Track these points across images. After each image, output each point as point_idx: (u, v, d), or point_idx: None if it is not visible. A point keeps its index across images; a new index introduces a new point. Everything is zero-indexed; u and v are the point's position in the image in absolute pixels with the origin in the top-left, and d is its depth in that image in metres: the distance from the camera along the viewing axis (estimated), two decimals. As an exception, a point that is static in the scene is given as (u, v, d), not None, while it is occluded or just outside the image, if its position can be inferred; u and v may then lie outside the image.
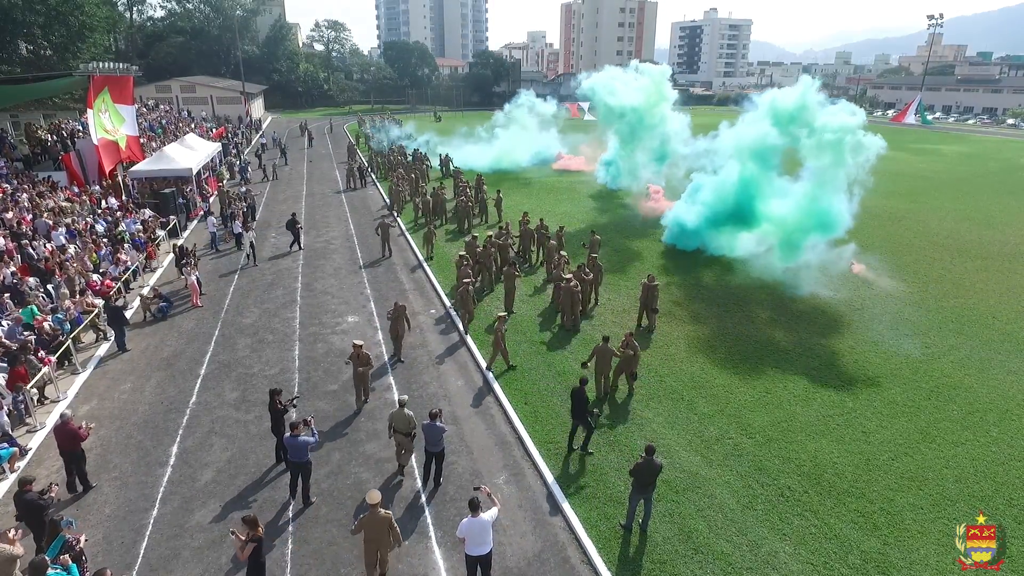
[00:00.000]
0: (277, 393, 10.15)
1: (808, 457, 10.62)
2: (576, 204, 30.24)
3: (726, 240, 21.71)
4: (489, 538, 7.55)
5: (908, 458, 10.63)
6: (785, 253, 19.71)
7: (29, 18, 39.04)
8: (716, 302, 17.44)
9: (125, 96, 25.83)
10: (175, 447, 10.87)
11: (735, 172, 21.40)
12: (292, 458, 9.26)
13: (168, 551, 8.57)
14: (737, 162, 21.51)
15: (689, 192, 23.65)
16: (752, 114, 21.62)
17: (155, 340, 15.09)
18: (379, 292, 18.40)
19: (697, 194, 22.91)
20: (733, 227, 21.50)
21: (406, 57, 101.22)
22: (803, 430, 11.41)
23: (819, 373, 13.48)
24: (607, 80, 32.03)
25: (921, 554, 8.59)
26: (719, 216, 21.63)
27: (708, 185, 22.51)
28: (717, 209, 21.67)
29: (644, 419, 11.75)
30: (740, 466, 10.41)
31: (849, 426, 11.52)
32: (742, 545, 8.73)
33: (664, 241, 23.37)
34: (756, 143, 20.52)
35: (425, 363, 14.05)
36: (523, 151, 41.04)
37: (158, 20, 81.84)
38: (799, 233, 19.37)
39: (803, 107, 19.60)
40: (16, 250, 16.81)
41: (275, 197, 31.83)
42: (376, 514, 7.60)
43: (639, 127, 31.12)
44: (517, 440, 11.20)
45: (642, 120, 30.81)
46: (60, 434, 9.42)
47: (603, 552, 8.60)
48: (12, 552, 6.93)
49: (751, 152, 20.76)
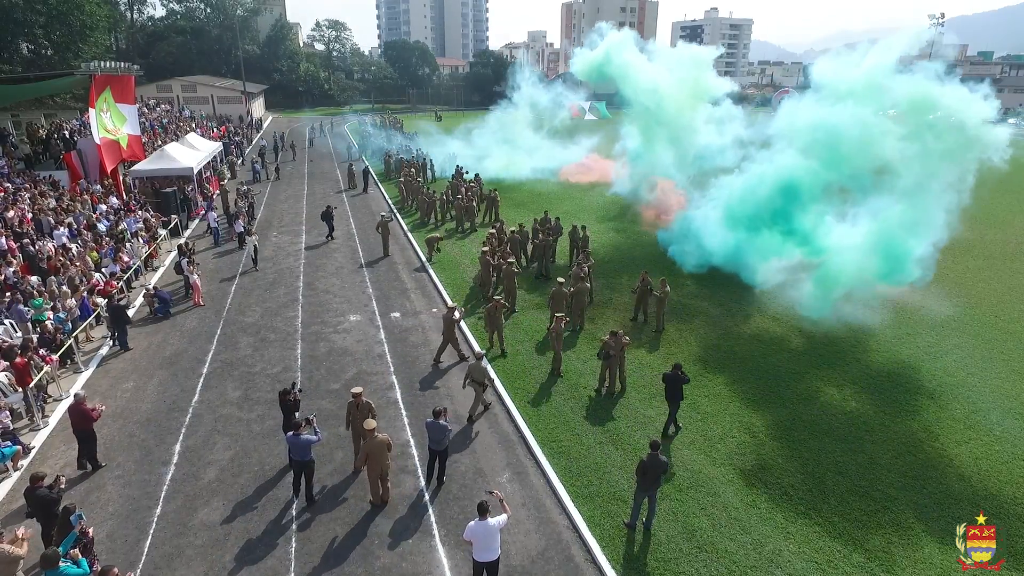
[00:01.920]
0: (286, 393, 10.16)
1: (811, 456, 10.61)
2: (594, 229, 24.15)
3: (742, 257, 17.85)
4: (497, 545, 7.50)
5: (911, 457, 10.62)
6: (823, 299, 15.64)
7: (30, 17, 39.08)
8: (719, 302, 17.40)
9: (127, 95, 25.81)
10: (178, 445, 10.86)
11: (783, 163, 16.71)
12: (295, 456, 9.25)
13: (172, 549, 8.57)
14: (788, 150, 16.70)
15: (709, 197, 20.01)
16: (822, 90, 16.68)
17: (157, 339, 15.09)
18: (381, 291, 18.39)
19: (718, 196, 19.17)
20: (759, 240, 17.26)
21: (407, 57, 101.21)
22: (806, 429, 11.40)
23: (821, 372, 13.47)
24: (631, 49, 26.12)
25: (925, 553, 8.59)
26: (742, 219, 17.54)
27: (737, 182, 18.45)
28: (742, 212, 17.46)
29: (647, 417, 11.74)
30: (743, 464, 10.40)
31: (852, 425, 11.51)
32: (746, 544, 8.72)
33: (665, 249, 20.88)
34: (831, 127, 15.30)
35: (427, 362, 14.04)
36: (523, 158, 36.44)
37: (159, 19, 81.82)
38: (861, 277, 15.15)
39: (923, 91, 14.60)
40: (18, 249, 16.81)
41: (276, 196, 31.81)
42: (375, 439, 8.86)
43: (669, 125, 25.30)
44: (520, 439, 11.20)
45: (674, 118, 25.00)
46: (74, 413, 9.89)
47: (607, 550, 8.60)
48: (15, 553, 6.94)
49: (817, 140, 15.66)
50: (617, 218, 26.97)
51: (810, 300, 16.10)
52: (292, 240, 23.81)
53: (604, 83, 31.16)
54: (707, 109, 26.37)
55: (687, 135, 25.30)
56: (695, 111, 25.58)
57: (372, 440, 8.92)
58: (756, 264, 17.91)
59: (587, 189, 32.92)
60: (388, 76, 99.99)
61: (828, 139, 15.67)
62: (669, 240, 21.23)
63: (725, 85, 26.72)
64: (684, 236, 20.20)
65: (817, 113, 16.42)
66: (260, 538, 8.79)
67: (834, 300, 15.78)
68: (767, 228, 17.38)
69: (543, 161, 36.87)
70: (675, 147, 25.61)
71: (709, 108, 26.48)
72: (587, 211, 27.96)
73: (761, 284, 17.72)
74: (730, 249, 18.54)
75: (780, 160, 17.41)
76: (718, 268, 19.14)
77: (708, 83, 25.86)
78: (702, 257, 19.15)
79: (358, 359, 14.11)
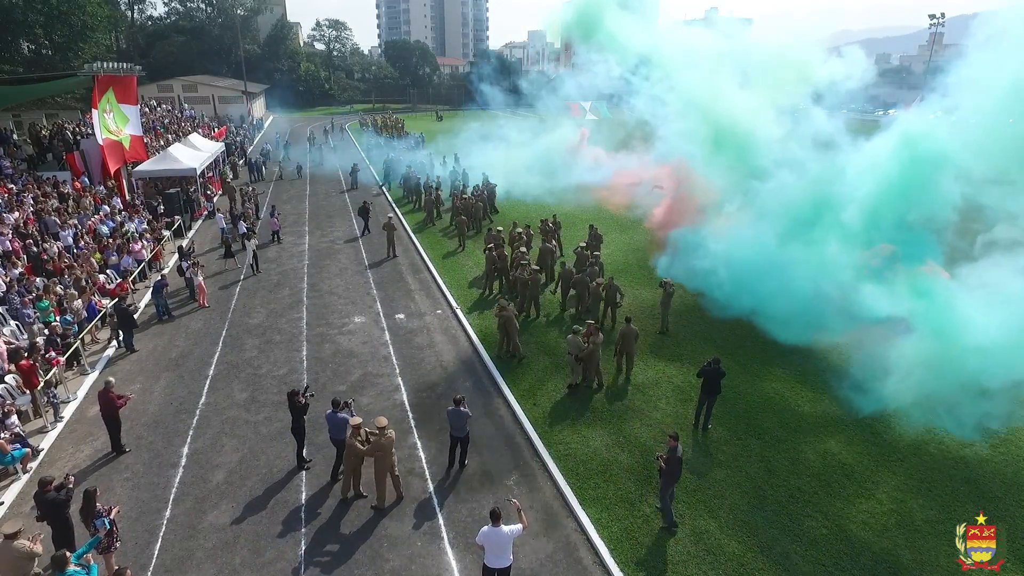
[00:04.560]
0: (295, 395, 10.23)
1: (817, 458, 10.65)
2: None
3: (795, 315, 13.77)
4: (509, 552, 7.51)
5: (917, 459, 10.65)
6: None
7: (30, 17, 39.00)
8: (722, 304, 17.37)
9: (129, 96, 25.81)
10: (186, 448, 10.89)
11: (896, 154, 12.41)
12: (333, 436, 9.80)
13: (182, 552, 8.60)
14: (903, 140, 12.73)
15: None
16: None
17: (163, 341, 15.11)
18: (385, 293, 18.41)
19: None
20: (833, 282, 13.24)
21: (407, 56, 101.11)
22: (812, 431, 11.43)
23: (827, 374, 13.45)
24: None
25: (931, 555, 8.63)
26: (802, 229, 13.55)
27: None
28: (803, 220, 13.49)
29: (653, 420, 11.77)
30: (750, 467, 10.44)
31: (858, 427, 11.53)
32: (754, 546, 8.76)
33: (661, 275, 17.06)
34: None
35: (433, 364, 14.06)
36: (541, 169, 30.86)
37: (159, 19, 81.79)
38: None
39: None
40: (22, 250, 16.84)
41: (278, 197, 31.80)
42: (384, 434, 9.09)
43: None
44: (527, 441, 11.23)
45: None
46: (102, 399, 10.48)
47: (615, 553, 8.63)
48: (33, 549, 6.98)
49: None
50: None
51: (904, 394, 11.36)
52: (295, 241, 23.83)
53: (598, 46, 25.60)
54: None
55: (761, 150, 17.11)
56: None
57: (382, 435, 9.12)
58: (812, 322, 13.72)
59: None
60: (388, 76, 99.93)
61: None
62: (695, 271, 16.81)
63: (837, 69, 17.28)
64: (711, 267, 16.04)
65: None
66: (269, 540, 8.83)
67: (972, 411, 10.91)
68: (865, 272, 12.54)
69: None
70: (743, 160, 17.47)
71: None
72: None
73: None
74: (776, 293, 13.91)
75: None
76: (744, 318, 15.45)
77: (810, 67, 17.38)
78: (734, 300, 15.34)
79: (363, 361, 14.14)
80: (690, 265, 17.05)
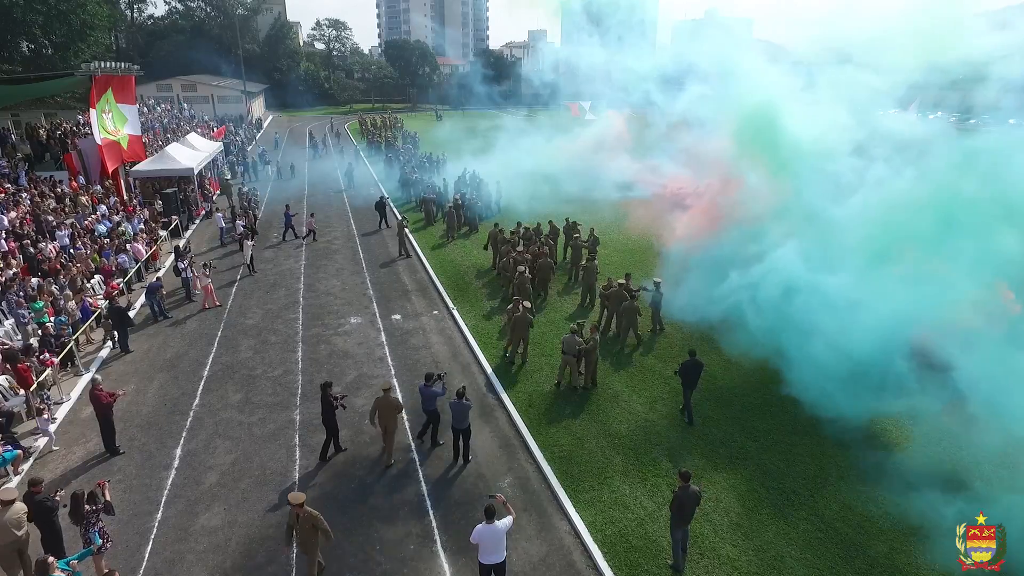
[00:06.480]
0: (328, 386, 10.29)
1: (812, 460, 10.59)
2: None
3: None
4: (503, 547, 7.54)
5: (914, 461, 10.58)
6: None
7: (29, 17, 38.98)
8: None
9: (128, 95, 25.75)
10: (179, 449, 10.85)
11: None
12: (425, 407, 10.59)
13: (173, 555, 8.55)
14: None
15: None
16: None
17: (158, 341, 15.07)
18: (381, 293, 18.36)
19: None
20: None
21: (407, 56, 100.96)
22: (807, 433, 11.36)
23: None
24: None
25: (927, 559, 8.57)
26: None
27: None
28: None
29: (648, 421, 11.72)
30: (744, 469, 10.38)
31: (854, 428, 11.45)
32: (748, 549, 8.71)
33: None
34: None
35: (428, 365, 14.00)
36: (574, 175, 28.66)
37: (159, 19, 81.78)
38: None
39: None
40: (18, 250, 16.78)
41: (277, 197, 31.72)
42: (387, 397, 9.90)
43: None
44: (521, 444, 11.18)
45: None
46: (92, 397, 10.50)
47: (608, 556, 8.59)
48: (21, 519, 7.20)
49: None
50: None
51: None
52: (294, 241, 23.77)
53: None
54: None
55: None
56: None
57: (386, 398, 9.93)
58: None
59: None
60: (388, 75, 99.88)
61: None
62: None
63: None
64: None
65: None
66: (261, 543, 8.78)
67: None
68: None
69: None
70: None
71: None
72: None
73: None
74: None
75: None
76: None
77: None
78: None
79: (359, 362, 14.09)
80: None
